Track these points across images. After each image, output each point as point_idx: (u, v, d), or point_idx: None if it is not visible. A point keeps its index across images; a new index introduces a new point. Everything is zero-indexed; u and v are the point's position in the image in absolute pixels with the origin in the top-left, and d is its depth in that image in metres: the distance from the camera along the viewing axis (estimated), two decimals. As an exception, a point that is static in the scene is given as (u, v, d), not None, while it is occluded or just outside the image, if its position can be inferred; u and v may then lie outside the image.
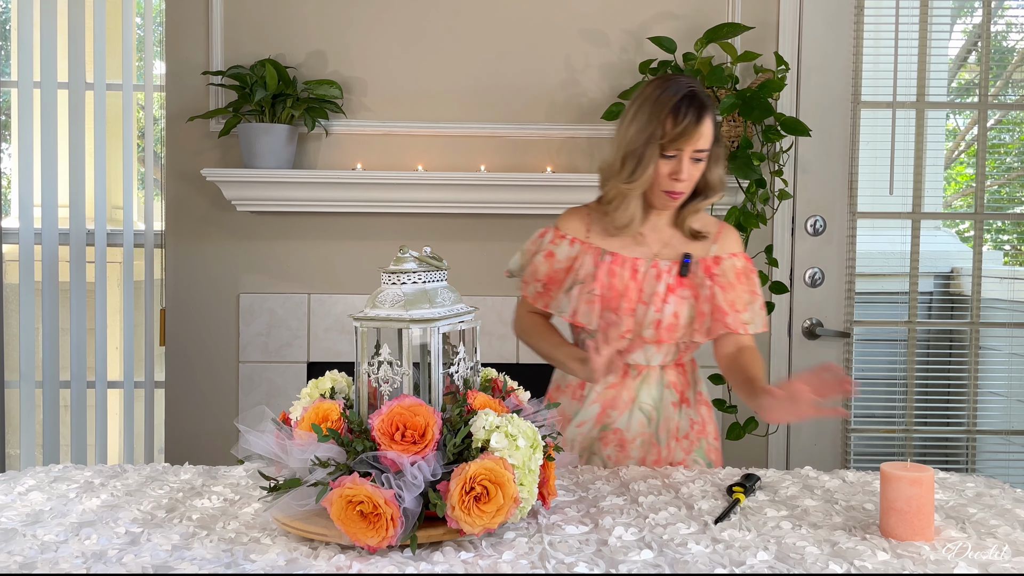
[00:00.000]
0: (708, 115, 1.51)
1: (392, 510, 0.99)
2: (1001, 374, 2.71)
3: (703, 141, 1.51)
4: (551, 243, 1.67)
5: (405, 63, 2.58)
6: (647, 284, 1.59)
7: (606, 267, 1.60)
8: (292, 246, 2.60)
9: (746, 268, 1.63)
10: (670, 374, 1.65)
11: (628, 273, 1.60)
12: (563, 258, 1.65)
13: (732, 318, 1.57)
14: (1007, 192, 2.94)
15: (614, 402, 1.64)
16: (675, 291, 1.59)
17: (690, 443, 1.66)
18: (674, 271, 1.60)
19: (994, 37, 2.77)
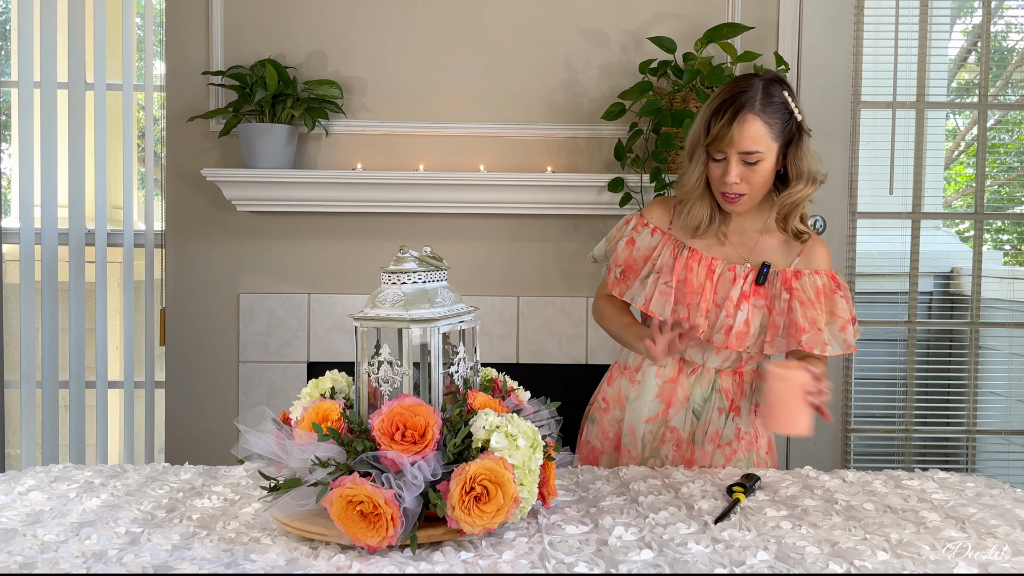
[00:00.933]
0: (748, 117, 1.47)
1: (392, 510, 0.99)
2: (1001, 374, 2.71)
3: (746, 143, 1.47)
4: (633, 230, 1.66)
5: (405, 63, 2.58)
6: (721, 286, 1.57)
7: (683, 261, 1.59)
8: (292, 246, 2.60)
9: (827, 287, 1.57)
10: (724, 380, 1.64)
11: (704, 272, 1.58)
12: (643, 246, 1.64)
13: (810, 336, 1.52)
14: (1007, 192, 2.94)
15: (672, 398, 1.65)
16: (749, 299, 1.56)
17: (732, 451, 1.64)
18: (751, 278, 1.57)
19: (994, 37, 2.77)
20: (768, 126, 1.48)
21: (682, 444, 1.64)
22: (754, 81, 1.51)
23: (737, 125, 1.47)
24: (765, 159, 1.50)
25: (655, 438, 1.66)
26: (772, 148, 1.50)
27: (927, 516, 1.18)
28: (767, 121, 1.48)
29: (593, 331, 2.62)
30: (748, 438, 1.66)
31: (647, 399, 1.66)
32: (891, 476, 1.41)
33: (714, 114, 1.50)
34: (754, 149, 1.48)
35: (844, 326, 1.55)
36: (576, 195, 2.49)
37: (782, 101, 1.50)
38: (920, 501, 1.26)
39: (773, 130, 1.49)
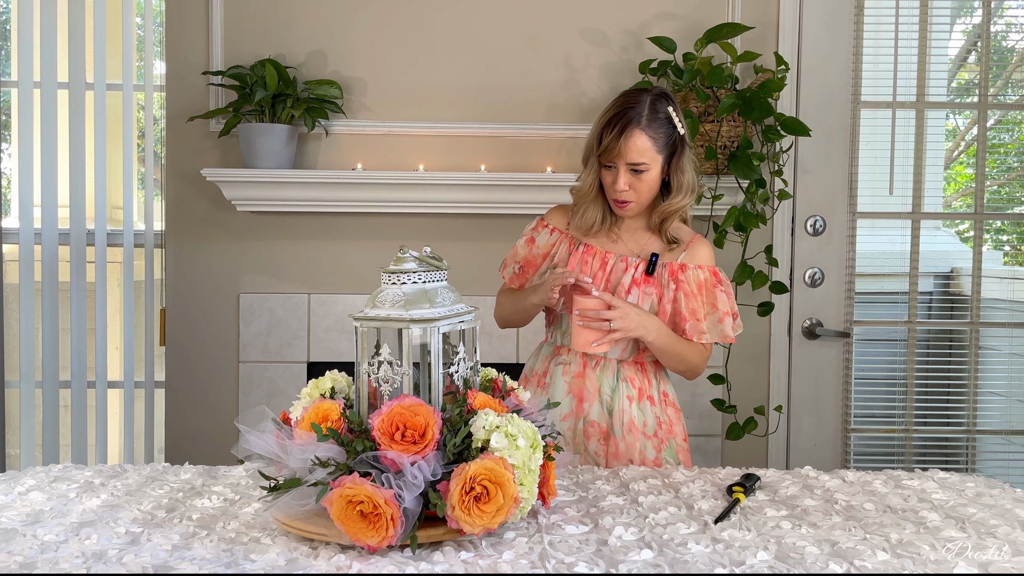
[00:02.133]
0: (635, 132, 1.60)
1: (392, 510, 0.99)
2: (1001, 374, 2.71)
3: (633, 155, 1.61)
4: (534, 230, 1.82)
5: (405, 63, 2.58)
6: (614, 276, 1.70)
7: (578, 255, 1.72)
8: (292, 246, 2.60)
9: (708, 282, 1.70)
10: (627, 369, 1.72)
11: (598, 264, 1.71)
12: (542, 244, 1.79)
13: (690, 325, 1.67)
14: (1007, 192, 2.94)
15: (582, 392, 1.71)
16: (640, 286, 1.68)
17: (660, 441, 1.72)
18: (641, 268, 1.69)
19: (994, 37, 2.77)
20: (652, 140, 1.62)
21: (604, 437, 1.70)
22: (642, 96, 1.64)
23: (624, 139, 1.61)
24: (650, 169, 1.64)
25: (576, 434, 1.71)
26: (657, 159, 1.64)
27: (927, 516, 1.18)
28: (652, 135, 1.62)
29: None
30: (666, 428, 1.74)
31: (559, 397, 1.72)
32: (891, 476, 1.41)
33: (605, 127, 1.64)
34: (640, 161, 1.62)
35: (722, 318, 1.70)
36: (576, 195, 2.49)
37: (666, 116, 1.64)
38: (920, 501, 1.26)
39: (657, 143, 1.63)
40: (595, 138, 1.66)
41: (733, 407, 2.47)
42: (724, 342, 1.72)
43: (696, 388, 2.60)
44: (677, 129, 1.66)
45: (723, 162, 2.44)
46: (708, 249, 1.74)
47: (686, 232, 1.75)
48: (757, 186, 2.38)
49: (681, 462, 1.74)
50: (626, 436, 1.69)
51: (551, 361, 1.76)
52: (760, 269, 2.52)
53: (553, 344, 1.78)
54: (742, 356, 2.61)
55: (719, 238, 2.42)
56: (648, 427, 1.71)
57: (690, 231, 1.76)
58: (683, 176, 1.68)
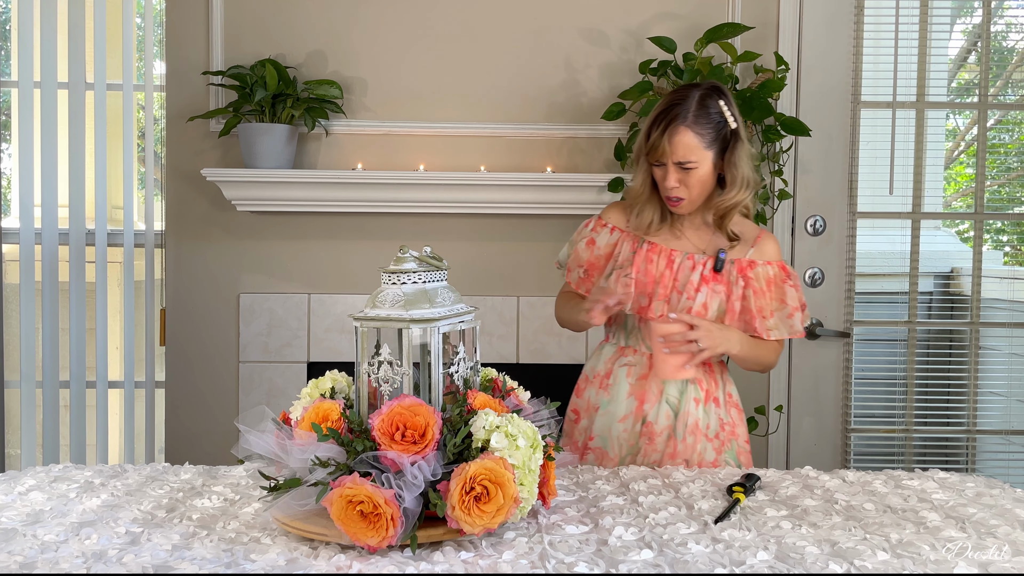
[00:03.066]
0: (680, 129, 1.57)
1: (392, 510, 0.99)
2: (1001, 374, 2.71)
3: (680, 153, 1.58)
4: (592, 231, 1.76)
5: (405, 63, 2.58)
6: (682, 274, 1.65)
7: (643, 254, 1.67)
8: (292, 246, 2.60)
9: (777, 277, 1.66)
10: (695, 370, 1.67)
11: (664, 262, 1.66)
12: (603, 245, 1.73)
13: (760, 323, 1.64)
14: (1007, 192, 2.94)
15: (646, 395, 1.67)
16: (708, 283, 1.64)
17: (721, 443, 1.69)
18: (709, 265, 1.65)
19: (994, 37, 2.77)
20: (700, 136, 1.59)
21: (659, 439, 1.66)
22: (691, 92, 1.61)
23: (669, 137, 1.58)
24: (699, 166, 1.60)
25: (632, 435, 1.68)
26: (706, 156, 1.60)
27: (927, 516, 1.18)
28: (698, 132, 1.59)
29: (594, 331, 2.62)
30: (728, 429, 1.70)
31: (620, 399, 1.69)
32: (891, 476, 1.41)
33: (652, 125, 1.61)
34: (687, 159, 1.59)
35: (792, 313, 1.66)
36: (576, 195, 2.49)
37: (717, 111, 1.60)
38: (920, 501, 1.26)
39: (705, 139, 1.59)
40: (644, 136, 1.63)
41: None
42: (792, 336, 1.68)
43: (696, 388, 2.60)
44: (728, 124, 1.61)
45: (723, 162, 2.44)
46: (775, 244, 1.71)
47: (751, 227, 1.71)
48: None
49: (742, 464, 1.72)
50: (687, 437, 1.66)
51: (615, 362, 1.72)
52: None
53: (616, 345, 1.74)
54: (742, 356, 2.61)
55: (719, 238, 2.42)
56: (711, 429, 1.68)
57: (755, 226, 1.72)
58: (736, 171, 1.63)
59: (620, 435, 1.68)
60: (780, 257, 1.70)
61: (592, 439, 1.70)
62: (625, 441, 1.68)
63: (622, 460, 1.68)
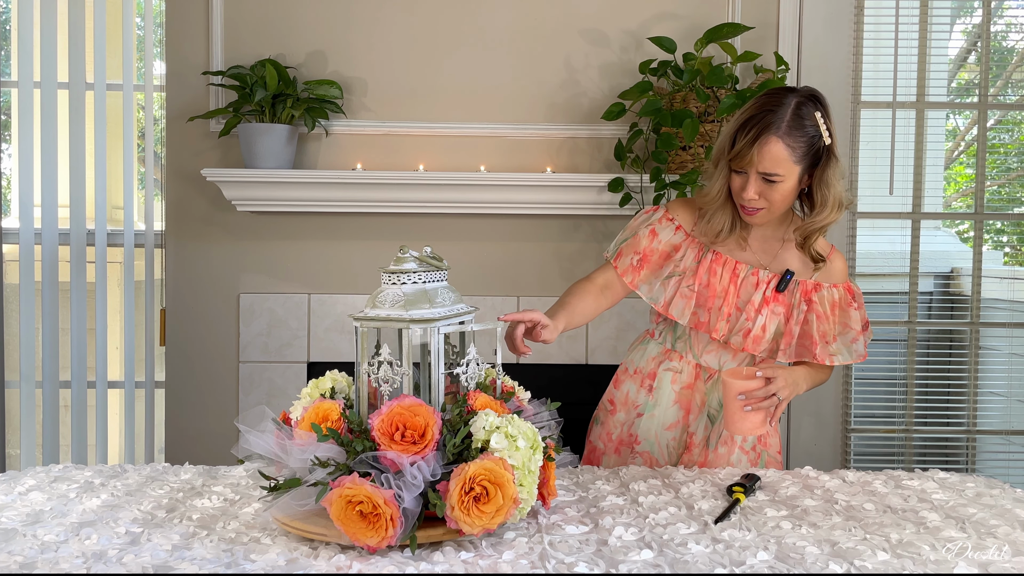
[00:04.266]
0: (770, 139, 1.45)
1: (391, 510, 0.99)
2: (1001, 374, 2.70)
3: (767, 164, 1.46)
4: (658, 222, 1.64)
5: (405, 63, 2.58)
6: (744, 290, 1.57)
7: (707, 264, 1.59)
8: (292, 246, 2.60)
9: (842, 300, 1.59)
10: None
11: (728, 275, 1.58)
12: (665, 241, 1.62)
13: (820, 349, 1.56)
14: (1007, 192, 2.94)
15: (690, 404, 1.65)
16: (769, 304, 1.57)
17: (756, 455, 1.66)
18: (773, 283, 1.57)
19: (994, 37, 2.77)
20: (791, 149, 1.46)
21: (696, 449, 1.65)
22: (787, 99, 1.48)
23: (758, 147, 1.45)
24: (785, 180, 1.49)
25: (680, 444, 1.66)
26: (794, 171, 1.48)
27: (927, 516, 1.18)
28: (790, 144, 1.46)
29: (593, 331, 2.62)
30: (763, 439, 1.67)
31: (665, 406, 1.66)
32: (891, 476, 1.41)
33: (739, 129, 1.48)
34: (774, 171, 1.47)
35: (856, 337, 1.58)
36: (576, 195, 2.49)
37: (813, 124, 1.47)
38: (920, 501, 1.26)
39: (796, 153, 1.47)
40: (728, 140, 1.51)
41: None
42: (857, 361, 1.60)
43: (696, 388, 2.60)
44: (823, 138, 1.49)
45: (723, 162, 2.44)
46: (842, 263, 1.62)
47: (824, 246, 1.61)
48: (757, 186, 2.37)
49: None
50: (720, 448, 1.63)
51: (659, 365, 1.67)
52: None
53: (662, 345, 1.68)
54: (742, 356, 2.61)
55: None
56: (747, 442, 1.64)
57: (827, 244, 1.62)
58: (828, 191, 1.51)
59: (669, 443, 1.66)
60: (847, 277, 1.62)
61: (638, 443, 1.68)
62: (674, 449, 1.66)
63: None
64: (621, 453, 1.70)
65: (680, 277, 1.59)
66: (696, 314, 1.57)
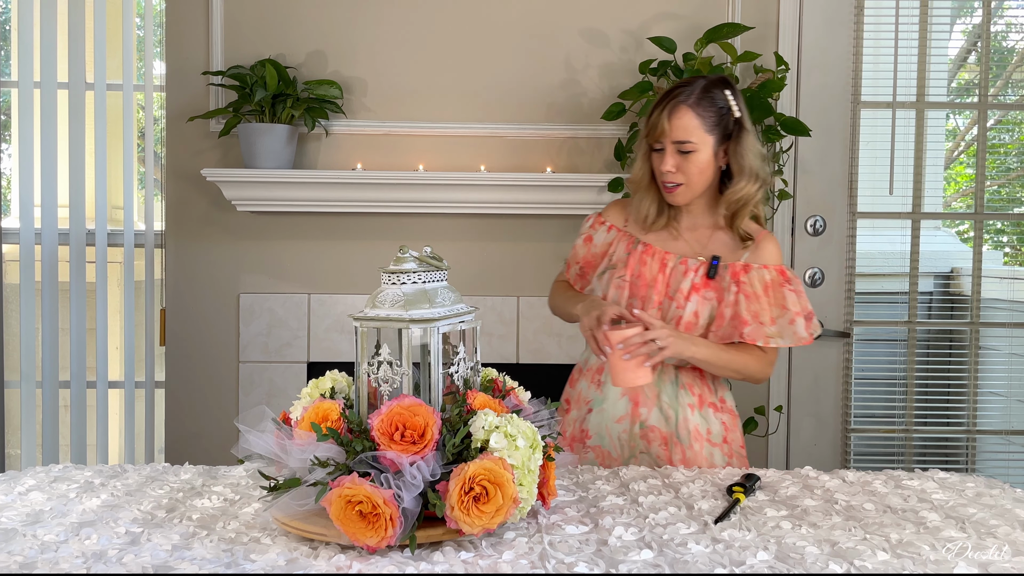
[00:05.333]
0: (680, 108, 1.55)
1: (391, 510, 0.99)
2: (1001, 374, 2.71)
3: (678, 132, 1.56)
4: (591, 228, 1.76)
5: (405, 63, 2.58)
6: (674, 279, 1.63)
7: (637, 255, 1.66)
8: (292, 246, 2.60)
9: (775, 282, 1.60)
10: (685, 376, 1.66)
11: (657, 265, 1.64)
12: (600, 243, 1.73)
13: (751, 329, 1.58)
14: (1007, 192, 2.94)
15: (639, 396, 1.66)
16: (699, 291, 1.61)
17: (730, 447, 1.67)
18: (701, 271, 1.62)
19: (994, 37, 2.77)
20: (701, 118, 1.56)
21: (665, 442, 1.65)
22: (697, 80, 1.60)
23: (668, 115, 1.56)
24: (699, 150, 1.57)
25: (632, 437, 1.66)
26: (706, 140, 1.57)
27: (927, 516, 1.18)
28: (700, 114, 1.56)
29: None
30: (725, 433, 1.68)
31: (613, 399, 1.67)
32: (891, 476, 1.41)
33: (655, 107, 1.60)
34: (686, 139, 1.56)
35: (793, 319, 1.59)
36: (576, 195, 2.49)
37: (722, 99, 1.58)
38: (920, 501, 1.26)
39: (706, 122, 1.57)
40: (645, 121, 1.62)
41: (733, 407, 2.47)
42: (798, 344, 1.61)
43: (696, 388, 2.60)
44: (732, 112, 1.58)
45: (723, 162, 2.44)
46: (774, 246, 1.65)
47: (754, 228, 1.65)
48: (757, 186, 2.37)
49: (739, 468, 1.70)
50: (693, 444, 1.64)
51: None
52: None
53: None
54: (742, 356, 2.61)
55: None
56: (714, 435, 1.66)
57: (756, 227, 1.66)
58: (743, 160, 1.59)
59: (620, 435, 1.67)
60: (780, 260, 1.64)
61: (589, 437, 1.70)
62: (626, 443, 1.66)
63: (626, 461, 1.66)
64: (575, 449, 1.71)
65: (613, 270, 1.67)
66: (631, 304, 1.63)
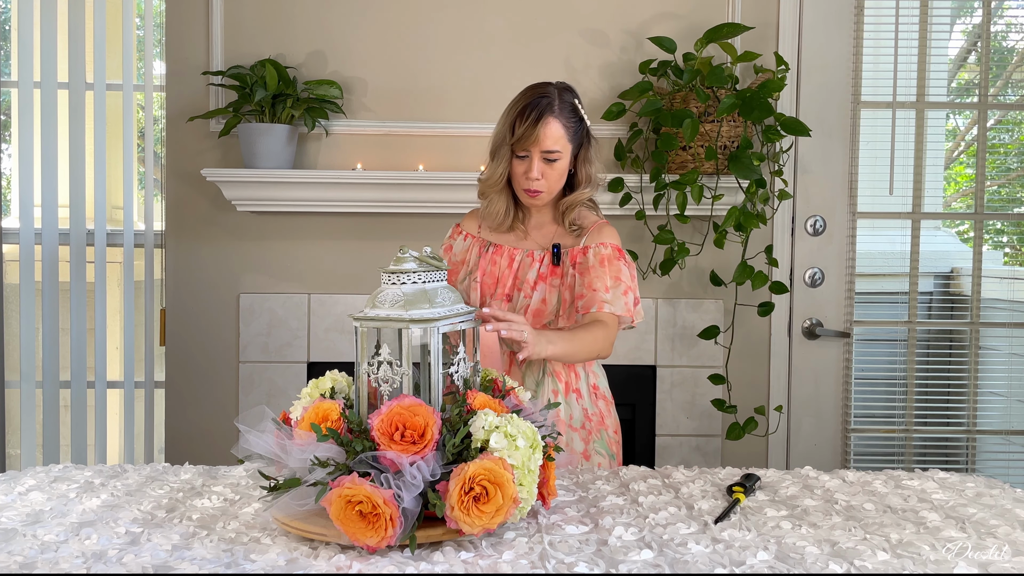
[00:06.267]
0: (550, 120, 1.63)
1: (391, 510, 0.99)
2: (1001, 374, 2.71)
3: (548, 143, 1.64)
4: (450, 238, 1.86)
5: (405, 63, 2.58)
6: (521, 272, 1.73)
7: (488, 256, 1.77)
8: (292, 246, 2.60)
9: (611, 256, 1.69)
10: (553, 364, 1.73)
11: (506, 262, 1.75)
12: (458, 251, 1.83)
13: (587, 298, 1.65)
14: (1007, 192, 2.94)
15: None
16: (546, 279, 1.71)
17: (588, 433, 1.73)
18: (546, 260, 1.72)
19: (994, 37, 2.77)
20: (566, 128, 1.66)
21: None
22: (550, 89, 1.68)
23: (542, 126, 1.63)
24: (562, 158, 1.67)
25: None
26: (568, 149, 1.68)
27: (927, 516, 1.18)
28: (565, 124, 1.66)
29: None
30: (596, 420, 1.75)
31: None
32: (891, 476, 1.41)
33: (519, 116, 1.65)
34: (555, 148, 1.65)
35: (626, 291, 1.68)
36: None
37: (574, 107, 1.68)
38: (920, 501, 1.26)
39: (569, 132, 1.67)
40: (507, 128, 1.67)
41: (733, 407, 2.47)
42: (626, 322, 1.68)
43: (696, 388, 2.60)
44: (584, 121, 1.71)
45: (723, 162, 2.44)
46: (611, 231, 1.75)
47: (590, 218, 1.76)
48: (757, 186, 2.38)
49: (614, 455, 1.77)
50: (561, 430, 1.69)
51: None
52: (760, 269, 2.51)
53: None
54: (742, 356, 2.61)
55: (719, 238, 2.42)
56: (575, 420, 1.73)
57: (595, 217, 1.77)
58: (591, 167, 1.72)
59: None
60: (616, 242, 1.74)
61: None
62: None
63: None
64: None
65: (470, 274, 1.77)
66: (484, 301, 1.72)
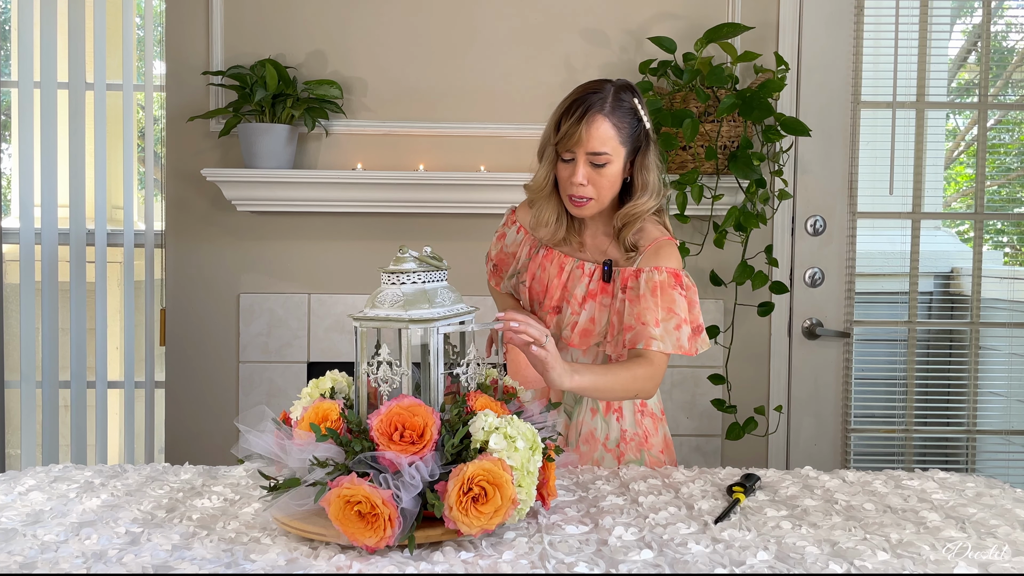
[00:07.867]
0: (597, 118, 1.47)
1: (390, 510, 0.99)
2: (1001, 374, 2.70)
3: (594, 144, 1.47)
4: (504, 225, 1.74)
5: (405, 63, 2.58)
6: (570, 284, 1.60)
7: (538, 260, 1.65)
8: (292, 246, 2.60)
9: (666, 283, 1.52)
10: None
11: (555, 270, 1.62)
12: (510, 242, 1.72)
13: (635, 333, 1.50)
14: (1007, 192, 2.94)
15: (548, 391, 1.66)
16: (595, 297, 1.57)
17: (621, 452, 1.61)
18: (596, 276, 1.57)
19: (994, 37, 2.77)
20: (617, 128, 1.48)
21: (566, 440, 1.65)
22: (606, 85, 1.51)
23: (586, 124, 1.46)
24: (612, 162, 1.49)
25: None
26: (620, 152, 1.50)
27: (927, 516, 1.18)
28: (616, 123, 1.48)
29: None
30: (637, 439, 1.63)
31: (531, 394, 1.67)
32: (891, 476, 1.41)
33: (564, 113, 1.49)
34: (602, 150, 1.48)
35: (679, 325, 1.51)
36: (576, 195, 2.49)
37: (631, 107, 1.50)
38: (920, 501, 1.26)
39: (622, 133, 1.49)
40: (553, 126, 1.51)
41: (733, 407, 2.47)
42: (678, 353, 1.50)
43: (696, 388, 2.60)
44: (643, 122, 1.52)
45: (723, 162, 2.44)
46: (672, 250, 1.56)
47: (648, 235, 1.56)
48: (757, 186, 2.38)
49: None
50: (581, 446, 1.61)
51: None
52: (760, 269, 2.52)
53: None
54: (742, 356, 2.61)
55: (719, 238, 2.42)
56: (611, 440, 1.61)
57: (657, 232, 1.57)
58: (649, 175, 1.52)
59: None
60: (676, 264, 1.55)
61: None
62: None
63: None
64: None
65: (519, 274, 1.67)
66: (532, 307, 1.64)
